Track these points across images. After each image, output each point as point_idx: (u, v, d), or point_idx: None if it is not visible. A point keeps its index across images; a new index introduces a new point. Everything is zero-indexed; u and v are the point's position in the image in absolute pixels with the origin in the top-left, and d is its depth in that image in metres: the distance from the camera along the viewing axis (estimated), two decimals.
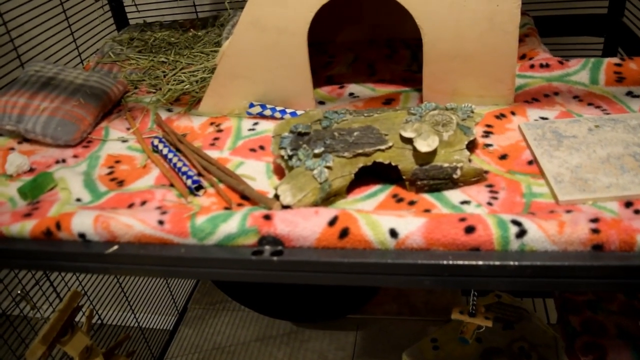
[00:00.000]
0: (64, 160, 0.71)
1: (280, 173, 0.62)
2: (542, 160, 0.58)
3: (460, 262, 0.46)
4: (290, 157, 0.58)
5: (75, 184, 0.64)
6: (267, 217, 0.51)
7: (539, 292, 1.35)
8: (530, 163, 0.60)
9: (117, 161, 0.70)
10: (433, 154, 0.56)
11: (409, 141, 0.57)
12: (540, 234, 0.46)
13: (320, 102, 0.79)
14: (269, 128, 0.73)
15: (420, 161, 0.56)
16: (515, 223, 0.47)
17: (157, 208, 0.57)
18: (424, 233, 0.48)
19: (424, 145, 0.55)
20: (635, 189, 0.52)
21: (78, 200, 0.62)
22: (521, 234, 0.46)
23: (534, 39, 0.89)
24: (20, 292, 0.88)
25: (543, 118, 0.68)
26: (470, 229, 0.47)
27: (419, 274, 0.48)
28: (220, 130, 0.74)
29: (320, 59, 0.92)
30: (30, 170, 0.69)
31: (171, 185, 0.63)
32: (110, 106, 0.82)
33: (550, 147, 0.60)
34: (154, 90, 0.88)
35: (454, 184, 0.57)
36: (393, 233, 0.48)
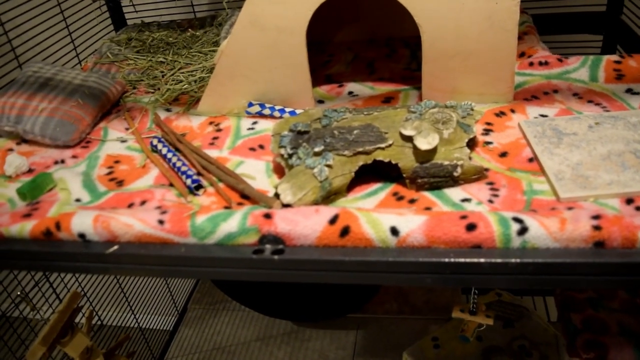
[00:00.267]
0: (62, 161, 0.71)
1: (280, 172, 0.62)
2: (543, 158, 0.58)
3: (462, 260, 0.46)
4: (290, 156, 0.57)
5: (74, 184, 0.64)
6: (268, 216, 0.51)
7: (540, 290, 1.35)
8: (530, 160, 0.60)
9: (117, 161, 0.70)
10: (433, 151, 0.56)
11: (409, 139, 0.56)
12: (541, 231, 0.46)
13: (320, 101, 0.79)
14: (268, 127, 0.73)
15: (420, 159, 0.56)
16: (516, 220, 0.47)
17: (157, 208, 0.57)
18: (425, 231, 0.48)
19: (424, 143, 0.55)
20: (637, 186, 0.52)
21: (77, 200, 0.62)
22: (523, 231, 0.46)
23: (533, 36, 0.89)
24: (20, 294, 0.88)
25: (543, 115, 0.67)
26: (471, 227, 0.47)
27: (421, 272, 0.48)
28: (219, 130, 0.74)
29: (319, 57, 0.92)
30: (29, 171, 0.69)
31: (171, 184, 0.63)
32: (108, 106, 0.82)
33: (551, 145, 0.60)
34: (152, 91, 0.88)
35: (454, 181, 0.57)
36: (394, 231, 0.48)
